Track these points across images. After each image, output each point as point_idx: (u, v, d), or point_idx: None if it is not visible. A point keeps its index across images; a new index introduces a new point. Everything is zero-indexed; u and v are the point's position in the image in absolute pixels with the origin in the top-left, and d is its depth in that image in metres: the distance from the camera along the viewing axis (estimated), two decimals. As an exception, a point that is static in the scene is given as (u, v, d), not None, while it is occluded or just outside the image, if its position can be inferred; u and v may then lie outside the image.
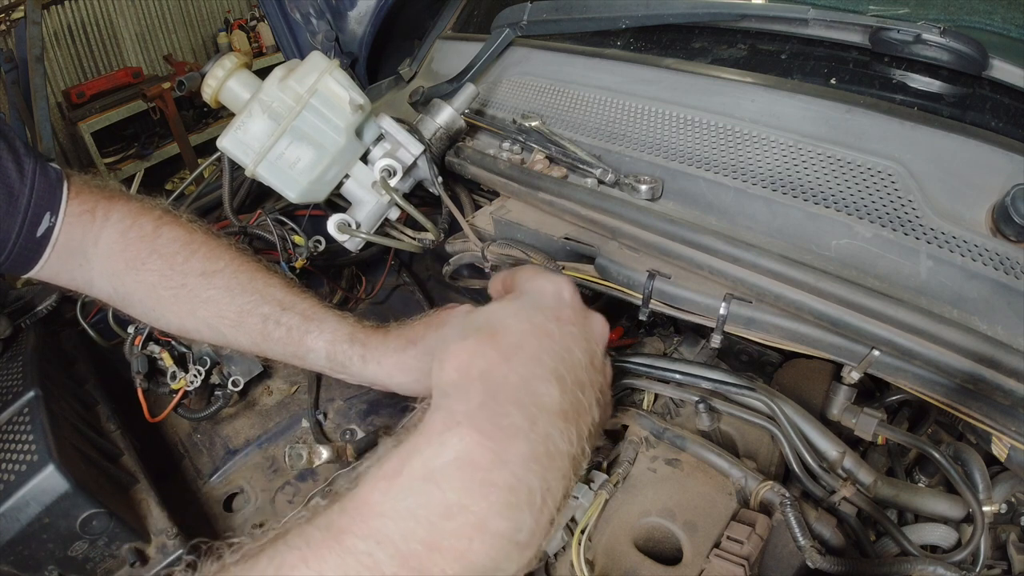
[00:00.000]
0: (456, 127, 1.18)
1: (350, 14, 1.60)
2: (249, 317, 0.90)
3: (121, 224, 0.91)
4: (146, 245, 0.90)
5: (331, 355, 0.89)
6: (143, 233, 0.91)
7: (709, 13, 1.06)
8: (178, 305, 0.90)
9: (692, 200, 0.93)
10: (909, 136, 0.83)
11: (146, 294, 0.91)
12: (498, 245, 1.01)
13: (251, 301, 0.90)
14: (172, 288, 0.90)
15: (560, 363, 0.54)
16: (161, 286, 0.90)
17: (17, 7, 3.97)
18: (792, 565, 0.74)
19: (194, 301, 0.90)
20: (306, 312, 0.91)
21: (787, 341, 0.78)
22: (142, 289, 0.91)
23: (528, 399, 0.50)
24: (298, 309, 0.91)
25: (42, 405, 0.86)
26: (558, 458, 0.50)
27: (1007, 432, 0.68)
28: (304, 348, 0.90)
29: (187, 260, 0.90)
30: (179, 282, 0.90)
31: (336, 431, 1.16)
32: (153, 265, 0.90)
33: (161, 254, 0.90)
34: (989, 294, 0.72)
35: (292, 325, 0.90)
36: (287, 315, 0.90)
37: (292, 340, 0.90)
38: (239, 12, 6.17)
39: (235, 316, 0.90)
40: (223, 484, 1.09)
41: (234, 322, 0.90)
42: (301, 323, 0.90)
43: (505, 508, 0.47)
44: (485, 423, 0.48)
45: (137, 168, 4.99)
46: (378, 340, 0.90)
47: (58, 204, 0.87)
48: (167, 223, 0.93)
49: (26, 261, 0.87)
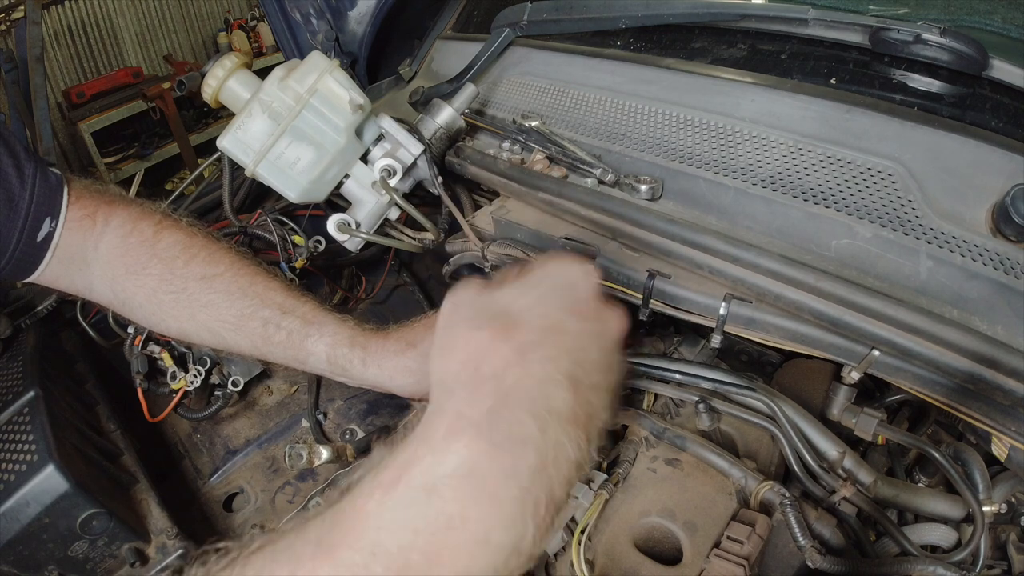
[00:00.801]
0: (456, 127, 1.18)
1: (350, 14, 1.60)
2: (249, 321, 0.90)
3: (121, 229, 0.91)
4: (146, 250, 0.90)
5: (331, 359, 0.89)
6: (143, 238, 0.91)
7: (709, 13, 1.06)
8: (178, 309, 0.90)
9: (692, 200, 0.93)
10: (909, 136, 0.83)
11: (146, 298, 0.91)
12: (498, 245, 1.01)
13: (251, 305, 0.90)
14: (172, 292, 0.90)
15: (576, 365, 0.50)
16: (161, 290, 0.90)
17: (17, 7, 3.98)
18: (792, 565, 0.74)
19: (194, 305, 0.90)
20: (306, 316, 0.91)
21: (787, 341, 0.78)
22: (142, 293, 0.91)
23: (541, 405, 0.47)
24: (298, 313, 0.91)
25: (42, 405, 0.86)
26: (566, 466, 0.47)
27: (1007, 432, 0.68)
28: (304, 352, 0.90)
29: (187, 264, 0.90)
30: (179, 286, 0.90)
31: (336, 431, 1.16)
32: (153, 269, 0.90)
33: (161, 258, 0.90)
34: (989, 294, 0.72)
35: (292, 329, 0.90)
36: (287, 319, 0.90)
37: (292, 344, 0.90)
38: (239, 12, 6.17)
39: (235, 320, 0.90)
40: (223, 484, 1.09)
41: (234, 326, 0.90)
42: (301, 327, 0.90)
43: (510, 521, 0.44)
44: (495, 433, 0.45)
45: (137, 168, 4.99)
46: (378, 343, 0.90)
47: (58, 209, 0.87)
48: (167, 227, 0.93)
49: (26, 266, 0.87)
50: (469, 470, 0.44)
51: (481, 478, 0.44)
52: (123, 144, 5.10)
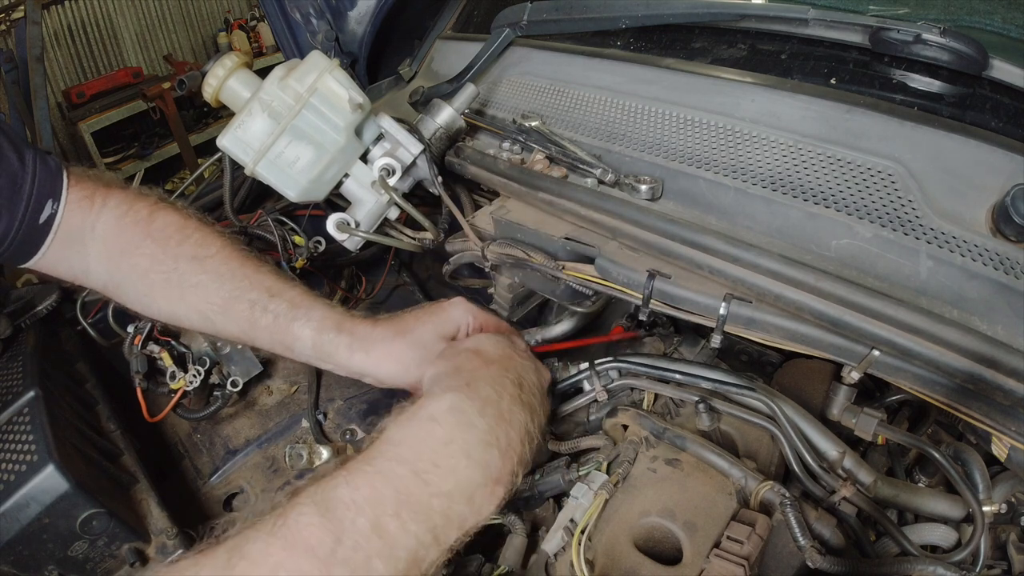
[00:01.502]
0: (456, 127, 1.18)
1: (350, 14, 1.60)
2: (236, 304, 0.89)
3: (117, 210, 0.92)
4: (141, 229, 0.91)
5: (317, 344, 0.89)
6: (138, 218, 0.92)
7: (709, 13, 1.06)
8: (168, 290, 0.90)
9: (692, 200, 0.93)
10: (909, 136, 0.83)
11: (139, 279, 0.91)
12: (498, 245, 1.01)
13: (239, 287, 0.90)
14: (163, 272, 0.90)
15: (518, 376, 0.79)
16: (153, 270, 0.90)
17: (17, 7, 3.98)
18: (792, 565, 0.74)
19: (184, 286, 0.90)
20: (294, 300, 0.90)
21: (787, 341, 0.78)
22: (135, 274, 0.91)
23: (499, 386, 0.75)
24: (286, 296, 0.90)
25: (42, 405, 0.86)
26: (517, 425, 0.72)
27: (1007, 432, 0.68)
28: (291, 336, 0.89)
29: (180, 244, 0.91)
30: (170, 266, 0.90)
31: (336, 431, 1.16)
32: (146, 249, 0.90)
33: (155, 238, 0.91)
34: (989, 294, 0.72)
35: (279, 312, 0.89)
36: (274, 302, 0.89)
37: (279, 328, 0.89)
38: (239, 12, 6.17)
39: (222, 302, 0.90)
40: (223, 484, 1.09)
41: (221, 308, 0.90)
42: (288, 310, 0.89)
43: (482, 443, 0.68)
44: (470, 391, 0.72)
45: (137, 168, 4.99)
46: (366, 329, 0.89)
47: (59, 191, 0.88)
48: (162, 209, 0.94)
49: (28, 248, 0.88)
50: (456, 407, 0.69)
51: (462, 412, 0.69)
52: (123, 144, 5.10)
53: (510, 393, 0.75)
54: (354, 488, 0.62)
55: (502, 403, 0.72)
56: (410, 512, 0.62)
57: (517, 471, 0.71)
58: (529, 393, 0.78)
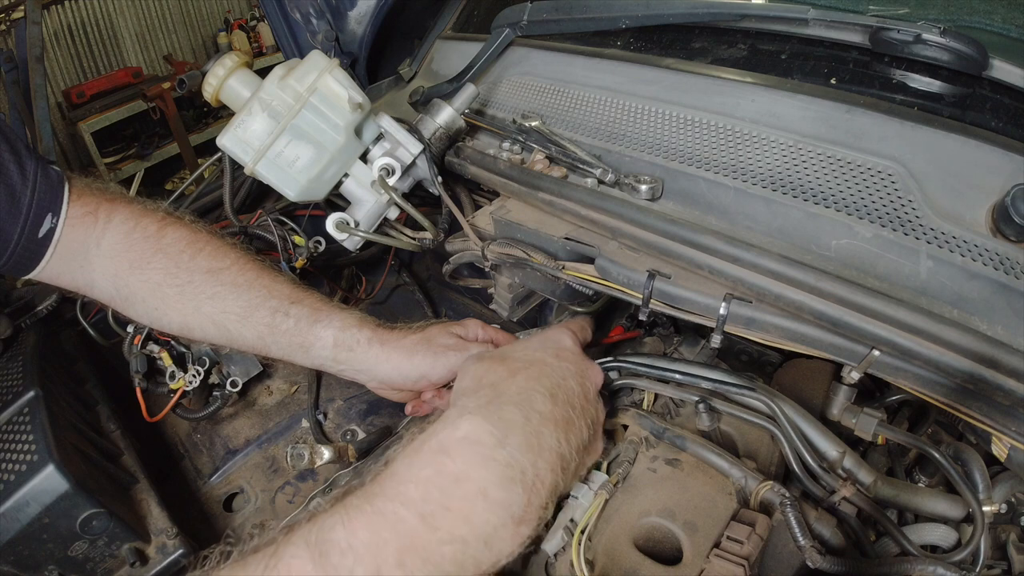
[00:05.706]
0: (456, 127, 1.18)
1: (350, 14, 1.60)
2: (257, 311, 0.91)
3: (124, 225, 0.92)
4: (151, 245, 0.91)
5: (339, 340, 0.91)
6: (147, 234, 0.92)
7: (709, 13, 1.05)
8: (183, 302, 0.91)
9: (692, 200, 0.93)
10: (909, 136, 0.83)
11: (150, 293, 0.91)
12: (498, 244, 1.01)
13: (259, 296, 0.91)
14: (177, 285, 0.90)
15: (554, 385, 0.69)
16: (166, 284, 0.90)
17: (17, 7, 3.98)
18: (792, 565, 0.74)
19: (199, 297, 0.91)
20: (315, 305, 0.94)
21: (787, 341, 0.78)
22: (146, 288, 0.91)
23: (526, 404, 0.64)
24: (307, 303, 0.93)
25: (42, 405, 0.86)
26: (547, 452, 0.62)
27: (1007, 432, 0.68)
28: (312, 337, 0.92)
29: (193, 258, 0.91)
30: (185, 279, 0.90)
31: (336, 431, 1.16)
32: (158, 264, 0.90)
33: (167, 253, 0.91)
34: (989, 294, 0.72)
35: (301, 316, 0.92)
36: (296, 308, 0.92)
37: (300, 330, 0.91)
38: (239, 12, 6.17)
39: (241, 311, 0.91)
40: (223, 484, 1.10)
41: (240, 317, 0.91)
42: (310, 314, 0.92)
43: (502, 480, 0.58)
44: (490, 416, 0.62)
45: (137, 168, 4.99)
46: (383, 329, 0.94)
47: (60, 205, 0.88)
48: (171, 224, 0.94)
49: (28, 262, 0.87)
50: (470, 438, 0.60)
51: (477, 444, 0.60)
52: (123, 144, 5.11)
53: (539, 411, 0.64)
54: (351, 532, 0.55)
55: (528, 426, 0.62)
56: (416, 560, 0.55)
57: (548, 503, 0.62)
58: (565, 405, 0.68)
